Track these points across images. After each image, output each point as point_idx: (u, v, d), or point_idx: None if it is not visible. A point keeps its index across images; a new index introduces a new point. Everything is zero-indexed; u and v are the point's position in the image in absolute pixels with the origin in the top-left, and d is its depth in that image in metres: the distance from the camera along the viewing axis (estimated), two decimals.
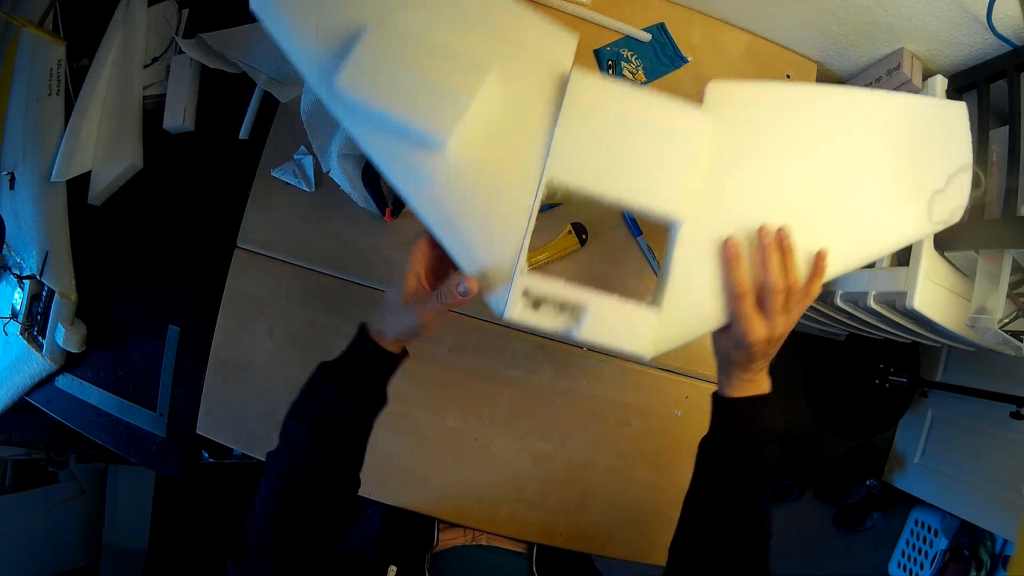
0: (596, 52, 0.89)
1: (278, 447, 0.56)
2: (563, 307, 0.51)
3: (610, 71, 0.88)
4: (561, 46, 0.58)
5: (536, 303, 0.50)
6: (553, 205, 0.84)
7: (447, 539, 0.76)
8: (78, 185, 0.94)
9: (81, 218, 0.95)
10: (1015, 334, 0.75)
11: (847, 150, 0.59)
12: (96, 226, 0.95)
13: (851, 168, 0.59)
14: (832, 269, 0.56)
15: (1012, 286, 0.75)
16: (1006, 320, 0.75)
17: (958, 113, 0.62)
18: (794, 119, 0.59)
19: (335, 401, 0.54)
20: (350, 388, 0.55)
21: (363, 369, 0.56)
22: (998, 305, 0.74)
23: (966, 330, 0.79)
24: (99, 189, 0.93)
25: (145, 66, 0.94)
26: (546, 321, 0.51)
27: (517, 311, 0.50)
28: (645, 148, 0.55)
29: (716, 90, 0.58)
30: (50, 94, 0.97)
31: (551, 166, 0.54)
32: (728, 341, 0.55)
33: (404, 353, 0.59)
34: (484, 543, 0.78)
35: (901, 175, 0.60)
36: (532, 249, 0.82)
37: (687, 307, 0.54)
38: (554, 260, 0.83)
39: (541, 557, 0.75)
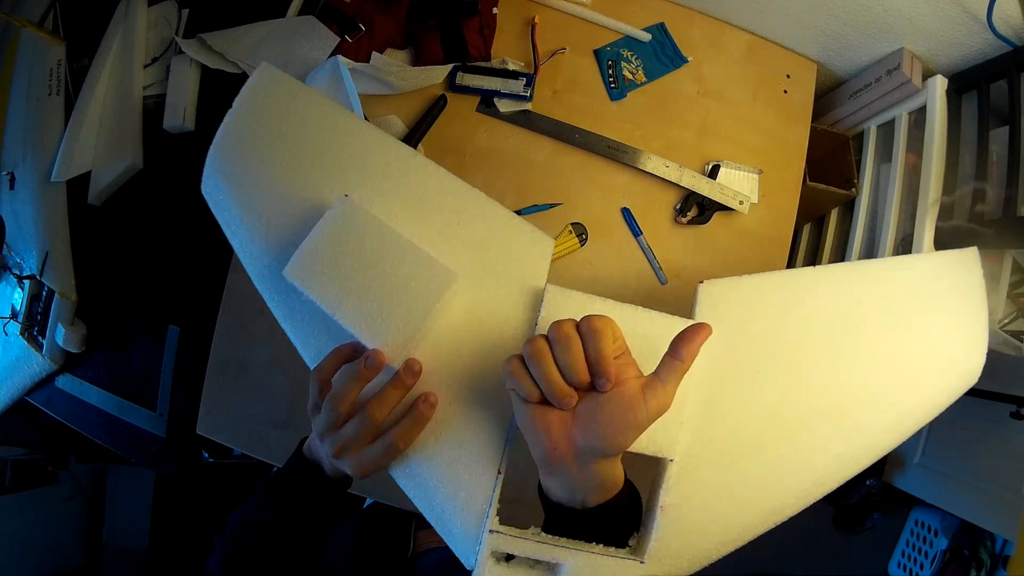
0: (596, 52, 0.89)
1: (224, 538, 0.54)
2: (537, 563, 0.45)
3: (610, 71, 0.88)
4: (537, 253, 0.53)
5: (508, 558, 0.45)
6: (553, 204, 0.84)
7: (423, 539, 0.75)
8: (78, 185, 0.94)
9: (81, 218, 0.95)
10: (1015, 334, 0.75)
11: (864, 334, 0.54)
12: (96, 226, 0.95)
13: (868, 353, 0.54)
14: (851, 471, 0.52)
15: (1012, 286, 0.75)
16: (1006, 320, 0.75)
17: (971, 260, 0.58)
18: (798, 313, 0.54)
19: (267, 512, 0.52)
20: (283, 503, 0.52)
21: (298, 488, 0.52)
22: (998, 305, 0.74)
23: None
24: (99, 189, 0.93)
25: (145, 66, 0.94)
26: None
27: (487, 571, 0.45)
28: None
29: (709, 293, 0.53)
30: (50, 94, 0.97)
31: None
32: (608, 431, 0.42)
33: (347, 483, 0.53)
34: None
35: (918, 344, 0.55)
36: None
37: (674, 555, 0.47)
38: (554, 260, 0.83)
39: None
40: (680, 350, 0.42)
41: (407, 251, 0.49)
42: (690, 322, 0.50)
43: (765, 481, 0.50)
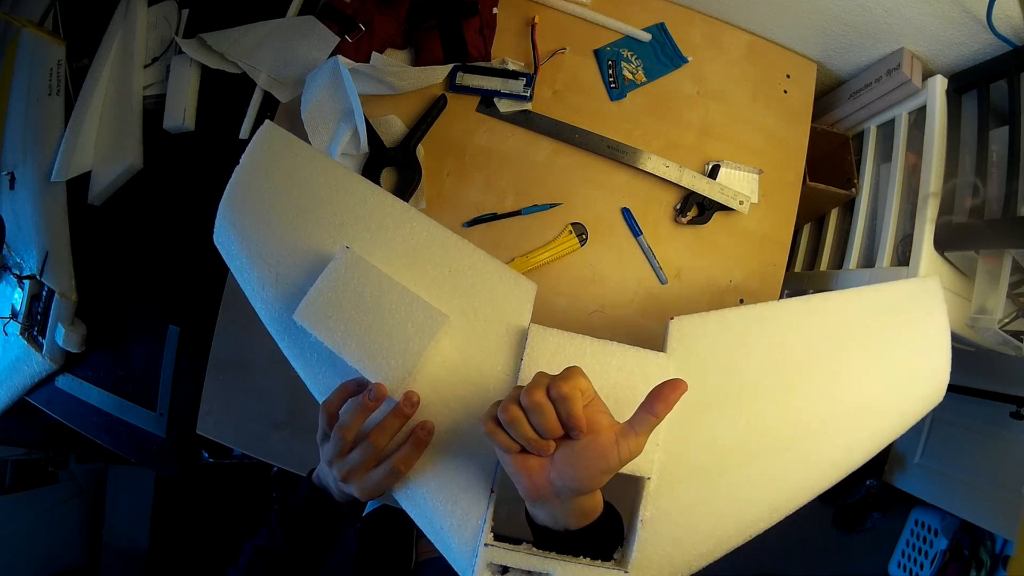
0: (596, 52, 0.89)
1: (238, 567, 0.57)
2: (529, 575, 0.49)
3: (610, 71, 0.88)
4: (520, 296, 0.58)
5: (503, 571, 0.49)
6: (553, 204, 0.84)
7: (424, 549, 0.75)
8: (78, 185, 0.94)
9: (81, 218, 0.95)
10: (1015, 334, 0.75)
11: (825, 361, 0.59)
12: (96, 226, 0.95)
13: (832, 379, 0.58)
14: (819, 487, 0.56)
15: (1012, 286, 0.75)
16: (1006, 320, 0.75)
17: (932, 288, 0.63)
18: (764, 345, 0.58)
19: (280, 539, 0.56)
20: (295, 530, 0.56)
21: (306, 515, 0.56)
22: (998, 305, 0.74)
23: (966, 330, 0.79)
24: (99, 189, 0.93)
25: (145, 66, 0.94)
26: None
27: None
28: (607, 403, 0.52)
29: (678, 328, 0.57)
30: (50, 94, 0.97)
31: None
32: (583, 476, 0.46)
33: (354, 508, 0.57)
34: None
35: (881, 368, 0.59)
36: (532, 250, 0.83)
37: (656, 565, 0.51)
38: (554, 260, 0.83)
39: None
40: (655, 406, 0.44)
41: (403, 296, 0.55)
42: (660, 355, 0.56)
43: (737, 498, 0.54)
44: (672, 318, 0.58)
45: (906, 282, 0.65)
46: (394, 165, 0.83)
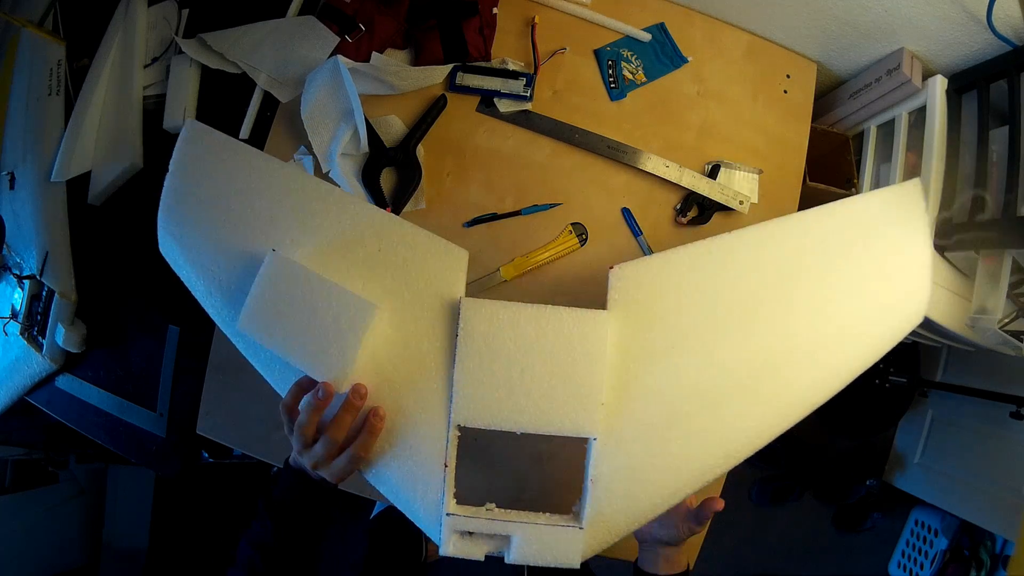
0: (596, 52, 0.89)
1: (236, 566, 0.58)
2: (492, 536, 0.53)
3: (610, 71, 0.88)
4: (452, 266, 0.58)
5: (469, 534, 0.53)
6: (553, 204, 0.84)
7: (435, 547, 0.75)
8: (78, 185, 0.94)
9: (81, 218, 0.95)
10: (1015, 334, 0.75)
11: (785, 290, 0.55)
12: (96, 226, 0.95)
13: (793, 308, 0.55)
14: (788, 421, 0.55)
15: (1012, 286, 0.75)
16: (1006, 320, 0.75)
17: (911, 192, 0.59)
18: (716, 282, 0.55)
19: (269, 526, 0.57)
20: (281, 512, 0.58)
21: (290, 499, 0.58)
22: (998, 305, 0.74)
23: (966, 330, 0.79)
24: (99, 189, 0.93)
25: (145, 66, 0.94)
26: (479, 550, 0.53)
27: (452, 547, 0.52)
28: (546, 369, 0.54)
29: (619, 277, 0.56)
30: (50, 94, 0.97)
31: (457, 410, 0.54)
32: (666, 532, 0.62)
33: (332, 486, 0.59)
34: None
35: (848, 288, 0.56)
36: (532, 250, 0.83)
37: (611, 518, 0.53)
38: (554, 260, 0.83)
39: None
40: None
41: (331, 292, 0.55)
42: (600, 313, 0.55)
43: (690, 449, 0.54)
44: (612, 267, 0.56)
45: (882, 191, 0.60)
46: (394, 165, 0.83)
